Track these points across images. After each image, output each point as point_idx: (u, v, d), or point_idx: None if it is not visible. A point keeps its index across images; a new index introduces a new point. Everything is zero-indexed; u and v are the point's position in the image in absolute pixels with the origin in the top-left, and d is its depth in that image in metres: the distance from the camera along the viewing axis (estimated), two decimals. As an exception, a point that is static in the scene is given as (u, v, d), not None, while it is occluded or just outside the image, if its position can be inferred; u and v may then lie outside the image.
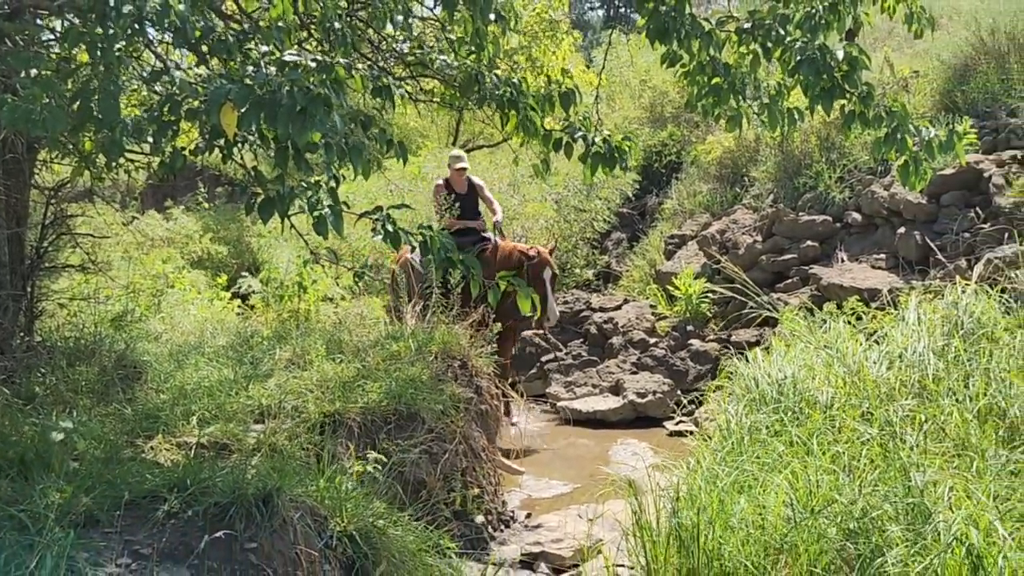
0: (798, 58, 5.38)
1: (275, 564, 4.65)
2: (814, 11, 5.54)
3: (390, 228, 4.90)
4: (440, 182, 10.40)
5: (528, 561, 6.49)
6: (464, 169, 10.55)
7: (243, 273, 10.46)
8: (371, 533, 5.21)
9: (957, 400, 5.83)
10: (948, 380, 6.15)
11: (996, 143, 10.87)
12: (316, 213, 4.53)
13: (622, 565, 5.70)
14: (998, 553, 4.14)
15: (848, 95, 5.46)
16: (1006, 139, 10.83)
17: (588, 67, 14.71)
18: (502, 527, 7.17)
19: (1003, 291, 7.46)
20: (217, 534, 4.58)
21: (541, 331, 9.41)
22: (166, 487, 4.81)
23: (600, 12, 43.37)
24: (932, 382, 6.16)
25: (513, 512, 7.45)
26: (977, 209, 10.13)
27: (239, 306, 9.02)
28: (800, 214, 12.15)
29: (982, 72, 11.67)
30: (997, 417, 5.62)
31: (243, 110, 4.07)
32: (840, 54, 5.43)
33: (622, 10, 41.41)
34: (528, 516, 7.44)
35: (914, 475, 4.94)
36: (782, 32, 5.54)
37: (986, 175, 10.31)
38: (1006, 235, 9.16)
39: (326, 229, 4.53)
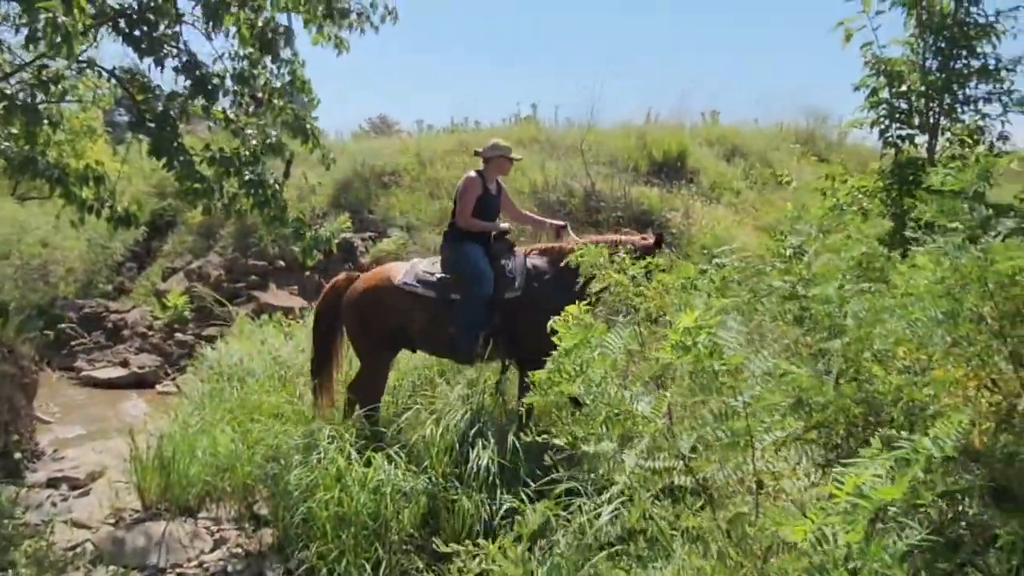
0: (247, 178, 5.33)
1: None
2: (259, 148, 5.51)
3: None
4: (473, 175, 5.03)
5: (53, 483, 5.72)
6: (514, 160, 5.22)
7: None
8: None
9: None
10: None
11: (363, 226, 11.48)
12: None
13: (121, 482, 5.23)
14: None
15: (272, 205, 5.42)
16: (363, 225, 11.49)
17: (115, 155, 13.06)
18: (35, 460, 6.26)
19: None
20: None
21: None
22: None
23: (127, 118, 39.09)
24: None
25: (44, 449, 6.52)
26: (350, 264, 10.61)
27: None
28: (250, 259, 11.86)
29: (356, 186, 12.26)
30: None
31: None
32: (271, 180, 5.45)
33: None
34: (55, 451, 6.54)
35: (314, 425, 4.70)
36: (239, 161, 5.42)
37: (355, 244, 10.88)
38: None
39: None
